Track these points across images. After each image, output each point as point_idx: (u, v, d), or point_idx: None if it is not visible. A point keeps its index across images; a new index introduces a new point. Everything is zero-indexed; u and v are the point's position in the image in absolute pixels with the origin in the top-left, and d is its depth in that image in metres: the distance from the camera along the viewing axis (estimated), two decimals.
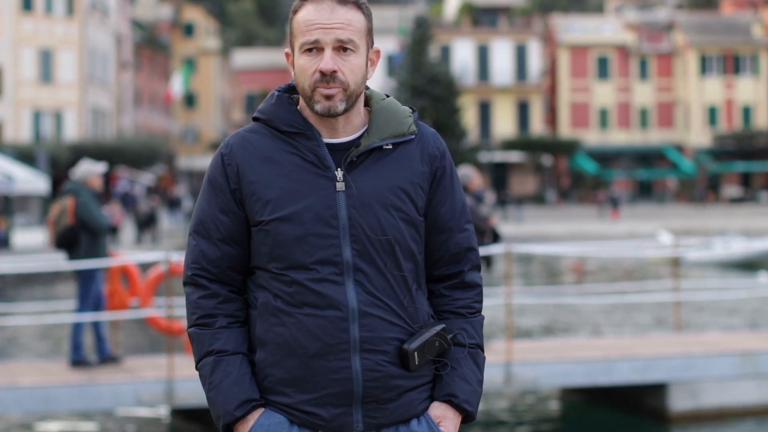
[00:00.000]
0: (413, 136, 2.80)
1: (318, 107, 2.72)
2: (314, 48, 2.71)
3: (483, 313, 2.90)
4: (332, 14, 2.70)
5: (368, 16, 2.77)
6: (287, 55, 2.81)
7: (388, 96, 2.86)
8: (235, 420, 2.71)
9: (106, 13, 66.11)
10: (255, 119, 2.82)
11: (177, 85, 60.38)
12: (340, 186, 2.71)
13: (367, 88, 2.85)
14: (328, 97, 2.70)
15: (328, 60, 2.69)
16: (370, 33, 2.78)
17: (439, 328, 2.76)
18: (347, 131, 2.77)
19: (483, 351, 2.86)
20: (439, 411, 2.78)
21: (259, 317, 2.74)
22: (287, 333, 2.69)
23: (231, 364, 2.72)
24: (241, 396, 2.71)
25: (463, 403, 2.78)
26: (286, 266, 2.70)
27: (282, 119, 2.76)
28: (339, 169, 2.72)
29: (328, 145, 2.75)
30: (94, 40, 63.40)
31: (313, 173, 2.72)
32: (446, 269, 2.84)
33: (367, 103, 2.84)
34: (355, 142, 2.76)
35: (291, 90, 2.84)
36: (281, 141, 2.75)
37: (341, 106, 2.72)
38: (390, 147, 2.77)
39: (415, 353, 2.71)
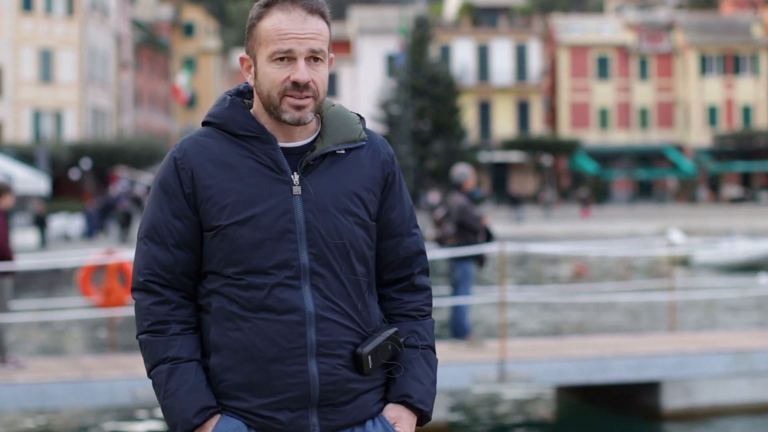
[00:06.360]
0: (364, 143, 2.81)
1: (287, 117, 2.71)
2: (285, 57, 2.70)
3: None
4: (305, 24, 2.69)
5: (330, 26, 2.78)
6: (243, 60, 2.79)
7: (334, 104, 2.86)
8: (193, 428, 2.69)
9: (106, 13, 66.16)
10: (205, 123, 2.80)
11: (182, 86, 60.32)
12: (297, 190, 2.71)
13: None
14: (299, 108, 2.71)
15: (303, 71, 2.69)
16: (331, 42, 2.81)
17: (391, 331, 2.77)
18: (302, 136, 2.77)
19: (435, 352, 2.87)
20: (394, 412, 2.79)
21: (213, 322, 2.72)
22: (244, 338, 2.68)
23: (187, 372, 2.71)
24: (200, 403, 2.69)
25: (418, 402, 2.78)
26: (243, 270, 2.68)
27: (237, 123, 2.74)
28: (295, 173, 2.72)
29: (283, 149, 2.74)
30: (94, 40, 63.45)
31: (270, 177, 2.71)
32: (396, 273, 2.85)
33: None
34: (309, 146, 2.76)
35: (241, 94, 2.83)
36: (236, 145, 2.74)
37: (311, 117, 2.73)
38: (343, 152, 2.78)
39: (369, 357, 2.72)
